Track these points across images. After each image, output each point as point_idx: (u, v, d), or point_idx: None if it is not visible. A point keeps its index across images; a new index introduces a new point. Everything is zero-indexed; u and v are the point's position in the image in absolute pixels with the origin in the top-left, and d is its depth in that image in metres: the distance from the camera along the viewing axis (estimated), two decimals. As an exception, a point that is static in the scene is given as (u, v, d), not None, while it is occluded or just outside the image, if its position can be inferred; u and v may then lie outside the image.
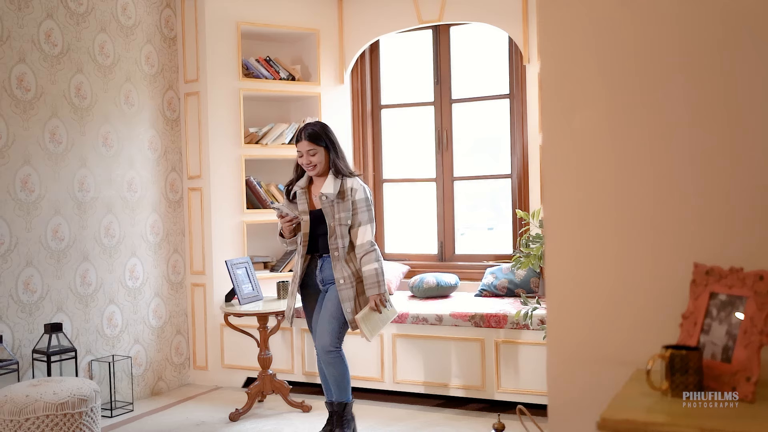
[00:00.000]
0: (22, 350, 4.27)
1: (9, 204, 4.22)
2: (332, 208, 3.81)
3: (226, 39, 5.32)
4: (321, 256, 3.92)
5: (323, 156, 3.86)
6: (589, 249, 2.06)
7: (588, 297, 2.07)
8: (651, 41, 1.94)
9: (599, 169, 2.03)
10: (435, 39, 5.74)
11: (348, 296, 3.80)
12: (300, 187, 3.94)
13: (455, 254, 5.70)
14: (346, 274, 3.80)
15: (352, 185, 3.86)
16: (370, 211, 3.89)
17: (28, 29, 4.34)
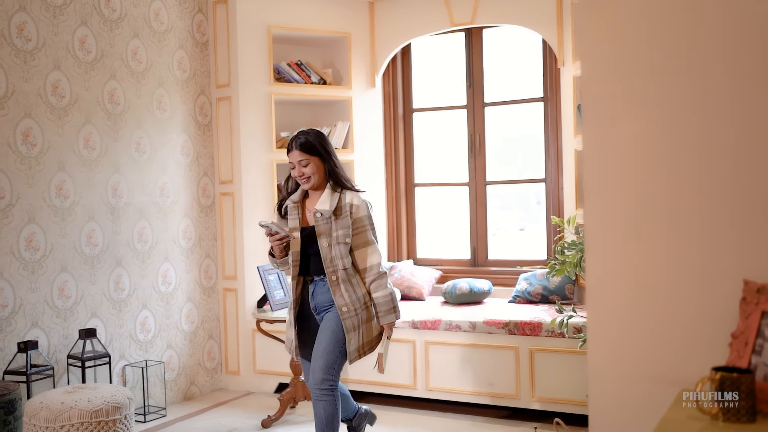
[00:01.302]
0: (57, 355, 4.30)
1: (44, 210, 4.25)
2: (328, 226, 3.39)
3: (257, 43, 5.32)
4: (313, 279, 3.48)
5: (317, 167, 3.44)
6: (632, 263, 2.00)
7: (631, 312, 2.00)
8: (696, 50, 1.87)
9: (643, 181, 1.96)
10: (467, 42, 5.68)
11: (353, 325, 3.38)
12: (293, 201, 3.52)
13: (488, 259, 5.63)
14: (350, 300, 3.37)
15: (351, 200, 3.43)
16: (374, 231, 3.49)
17: (63, 36, 4.38)
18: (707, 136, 1.85)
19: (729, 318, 1.81)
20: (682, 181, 1.89)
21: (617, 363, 2.04)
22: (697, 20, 1.87)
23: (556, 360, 4.39)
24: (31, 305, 4.17)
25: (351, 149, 5.66)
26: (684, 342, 1.89)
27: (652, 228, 1.94)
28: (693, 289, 1.89)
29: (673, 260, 1.90)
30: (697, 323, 1.87)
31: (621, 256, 2.02)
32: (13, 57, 4.10)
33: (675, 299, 1.92)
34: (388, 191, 5.91)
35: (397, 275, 5.49)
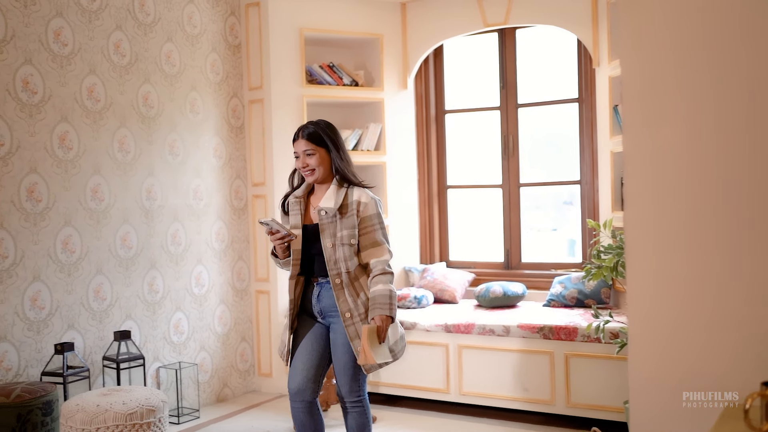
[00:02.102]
0: (93, 357, 4.34)
1: (80, 213, 4.29)
2: (332, 225, 3.13)
3: (289, 46, 5.32)
4: (318, 281, 3.21)
5: (323, 159, 3.19)
6: (678, 270, 1.94)
7: (676, 321, 1.95)
8: (744, 52, 1.80)
9: (689, 185, 1.90)
10: (500, 42, 5.62)
11: (357, 333, 3.10)
12: (295, 197, 3.27)
13: (521, 262, 5.56)
14: (353, 305, 3.10)
15: (359, 197, 3.17)
16: (383, 230, 3.20)
17: (98, 41, 4.41)
18: (757, 139, 1.79)
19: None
20: (730, 186, 1.83)
21: (661, 373, 1.99)
22: (747, 20, 1.80)
23: (592, 366, 4.32)
24: (67, 307, 4.22)
25: (383, 151, 5.64)
26: (733, 354, 1.83)
27: (698, 235, 1.88)
28: (740, 298, 1.83)
29: (722, 269, 1.84)
30: (747, 335, 1.81)
31: (665, 263, 1.97)
32: (50, 62, 4.14)
33: (721, 308, 1.86)
34: (421, 193, 5.87)
35: (430, 278, 5.45)
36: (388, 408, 4.90)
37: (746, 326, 1.81)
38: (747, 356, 1.80)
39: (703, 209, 1.87)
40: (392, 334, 3.18)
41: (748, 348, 1.80)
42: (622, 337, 4.08)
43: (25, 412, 3.55)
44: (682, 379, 1.93)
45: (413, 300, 5.16)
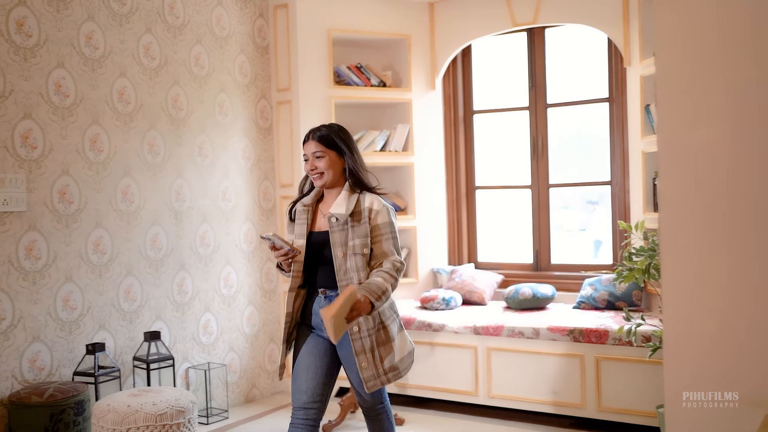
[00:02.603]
0: (123, 357, 4.38)
1: (111, 215, 4.33)
2: (344, 233, 2.94)
3: (317, 47, 5.32)
4: (326, 293, 3.00)
5: (333, 162, 3.02)
6: (714, 274, 1.89)
7: (713, 327, 1.90)
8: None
9: (727, 187, 1.86)
10: (529, 42, 5.56)
11: (362, 347, 2.91)
12: (303, 204, 3.08)
13: (551, 263, 5.51)
14: (362, 319, 2.89)
15: (371, 204, 2.99)
16: (395, 240, 3.01)
17: (129, 44, 4.45)
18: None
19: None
20: (765, 191, 1.79)
21: (699, 379, 1.95)
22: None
23: (623, 369, 4.25)
24: (98, 308, 4.26)
25: (411, 152, 5.62)
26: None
27: (738, 237, 1.84)
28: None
29: (763, 272, 1.79)
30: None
31: (703, 267, 1.92)
32: (81, 65, 4.19)
33: (761, 315, 1.81)
34: (449, 194, 5.84)
35: (458, 279, 5.42)
36: (415, 410, 4.88)
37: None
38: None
39: (743, 211, 1.83)
40: (399, 349, 2.99)
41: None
42: (654, 341, 4.02)
43: (57, 411, 3.59)
44: (721, 384, 1.89)
45: (441, 301, 5.13)
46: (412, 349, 3.08)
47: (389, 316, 3.00)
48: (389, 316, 3.00)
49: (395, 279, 2.94)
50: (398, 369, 2.98)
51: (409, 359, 3.05)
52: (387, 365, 2.94)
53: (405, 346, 3.04)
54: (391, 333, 2.98)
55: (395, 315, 3.06)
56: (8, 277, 3.83)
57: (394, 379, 2.98)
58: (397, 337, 3.00)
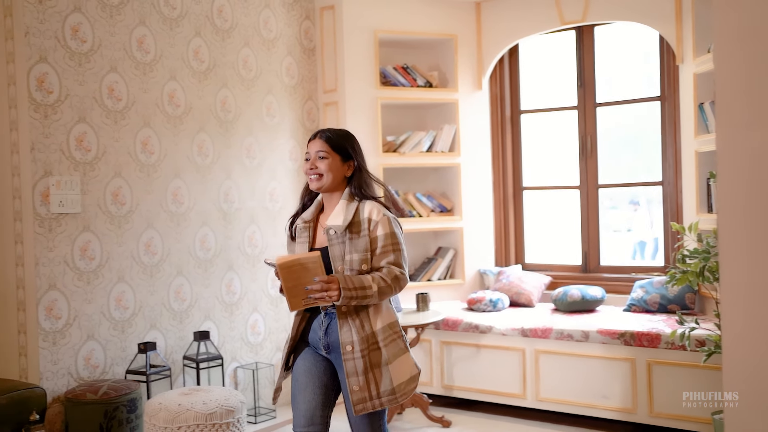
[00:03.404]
0: (174, 356, 4.44)
1: (161, 216, 4.40)
2: (342, 246, 2.71)
3: (363, 48, 5.33)
4: (327, 310, 2.78)
5: (336, 167, 2.79)
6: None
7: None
8: None
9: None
10: (578, 40, 5.48)
11: (354, 369, 2.67)
12: (303, 221, 2.86)
13: (600, 265, 5.42)
14: (358, 337, 2.68)
15: (370, 213, 2.74)
16: (399, 253, 2.73)
17: (179, 48, 4.52)
18: None
19: None
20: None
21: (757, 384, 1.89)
22: None
23: (676, 374, 4.16)
24: (149, 307, 4.33)
25: (457, 152, 5.58)
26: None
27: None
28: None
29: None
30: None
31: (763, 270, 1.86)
32: (133, 69, 4.26)
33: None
34: (496, 195, 5.79)
35: (505, 281, 5.37)
36: (462, 412, 4.85)
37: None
38: None
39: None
40: (399, 373, 2.72)
41: None
42: (709, 345, 3.92)
43: (111, 408, 3.67)
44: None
45: (489, 303, 5.09)
46: (415, 374, 2.79)
47: (388, 336, 2.73)
48: (387, 336, 2.73)
49: (388, 285, 2.68)
50: (396, 394, 2.69)
51: (410, 385, 2.75)
52: (383, 388, 2.68)
53: (407, 369, 2.75)
54: (388, 355, 2.70)
55: (397, 335, 2.77)
56: (64, 277, 3.92)
57: (390, 404, 2.70)
58: (397, 359, 2.72)
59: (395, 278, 2.70)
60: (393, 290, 2.71)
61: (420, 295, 4.77)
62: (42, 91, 3.85)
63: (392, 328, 2.76)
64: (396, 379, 2.70)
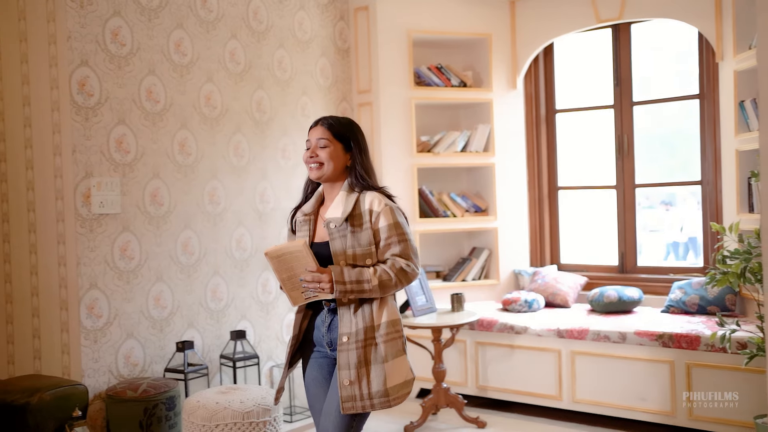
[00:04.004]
0: (211, 355, 4.50)
1: (198, 216, 4.46)
2: (343, 239, 2.59)
3: (397, 48, 5.33)
4: (330, 306, 2.67)
5: (336, 156, 2.67)
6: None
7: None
8: None
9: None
10: (614, 38, 5.42)
11: (348, 362, 2.55)
12: (303, 214, 2.75)
13: (637, 266, 5.35)
14: (356, 329, 2.56)
15: (371, 204, 2.61)
16: (407, 243, 2.59)
17: (215, 50, 4.57)
18: None
19: None
20: None
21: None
22: None
23: (717, 377, 4.09)
24: (187, 307, 4.39)
25: (492, 152, 5.56)
26: None
27: None
28: None
29: None
30: None
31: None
32: (171, 71, 4.32)
33: None
34: (530, 195, 5.75)
35: (541, 281, 5.33)
36: (496, 413, 4.83)
37: None
38: None
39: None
40: (394, 374, 2.58)
41: None
42: (750, 348, 3.85)
43: (150, 406, 3.72)
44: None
45: (524, 303, 5.06)
46: (410, 379, 2.64)
47: (388, 332, 2.59)
48: (387, 333, 2.59)
49: (390, 278, 2.54)
50: (388, 396, 2.55)
51: (404, 389, 2.61)
52: (375, 388, 2.54)
53: (402, 372, 2.62)
54: (386, 352, 2.57)
55: (398, 334, 2.63)
56: (104, 276, 3.99)
57: (381, 407, 2.55)
58: (393, 359, 2.59)
59: (400, 271, 2.55)
60: (398, 283, 2.56)
61: (455, 296, 4.76)
62: (83, 94, 3.92)
63: (394, 325, 2.63)
64: (390, 380, 2.56)
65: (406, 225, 2.63)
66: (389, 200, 2.65)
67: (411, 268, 2.57)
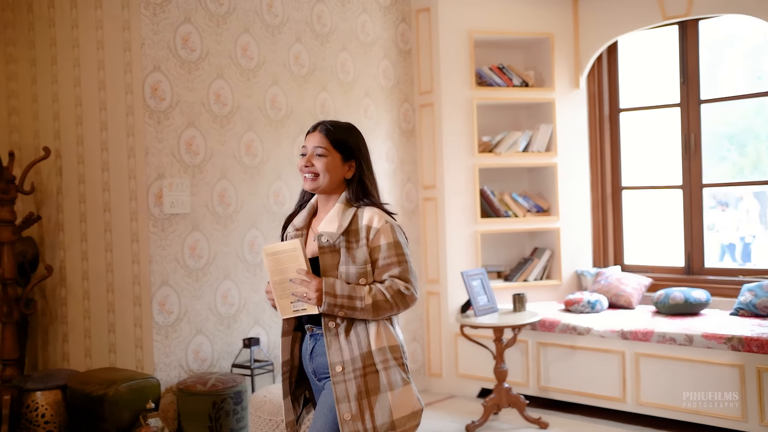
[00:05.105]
0: (276, 352, 4.60)
1: (264, 216, 4.57)
2: (335, 256, 2.36)
3: (459, 49, 5.35)
4: (313, 330, 2.44)
5: (335, 166, 2.44)
6: None
7: None
8: None
9: None
10: (681, 35, 5.32)
11: (346, 394, 2.31)
12: (295, 228, 2.52)
13: (704, 267, 5.24)
14: (350, 357, 2.32)
15: (371, 221, 2.37)
16: (406, 264, 2.36)
17: (280, 54, 4.67)
18: None
19: None
20: None
21: None
22: None
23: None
24: (253, 304, 4.50)
25: (554, 152, 5.53)
26: None
27: None
28: None
29: None
30: None
31: None
32: (238, 75, 4.44)
33: None
34: (593, 195, 5.69)
35: (604, 282, 5.27)
36: (558, 413, 4.80)
37: None
38: None
39: None
40: (399, 404, 2.33)
41: None
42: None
43: (219, 400, 3.84)
44: None
45: (586, 304, 5.01)
46: (417, 410, 2.38)
47: (387, 359, 2.34)
48: (388, 359, 2.34)
49: (387, 300, 2.30)
50: (395, 429, 2.31)
51: (412, 421, 2.36)
52: (380, 420, 2.30)
53: (409, 402, 2.36)
54: (389, 380, 2.33)
55: (398, 362, 2.37)
56: (175, 274, 4.14)
57: None
58: (398, 387, 2.34)
59: (398, 293, 2.32)
60: (394, 307, 2.32)
61: (516, 296, 4.75)
62: (156, 99, 4.07)
63: (394, 351, 2.37)
64: (397, 411, 2.31)
65: (406, 245, 2.41)
66: (390, 218, 2.43)
67: (410, 292, 2.34)
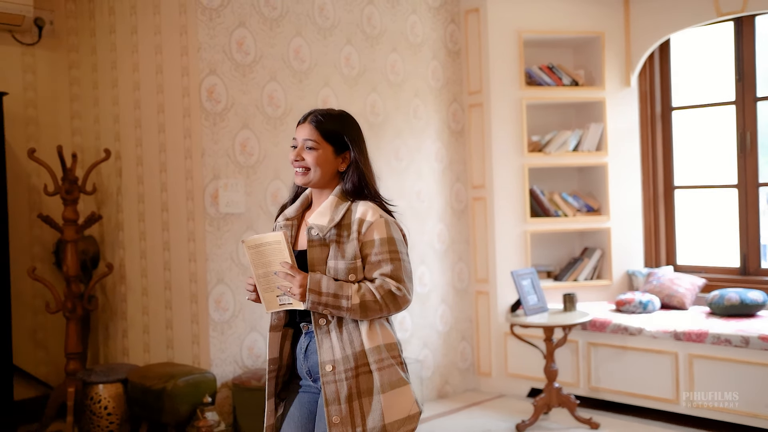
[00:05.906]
0: (327, 349, 4.67)
1: (316, 216, 4.64)
2: (325, 250, 2.23)
3: (508, 49, 5.36)
4: (308, 329, 2.29)
5: (325, 160, 2.28)
6: None
7: None
8: None
9: None
10: (736, 32, 5.23)
11: (336, 395, 2.16)
12: (285, 218, 2.37)
13: (761, 268, 5.14)
14: (342, 356, 2.18)
15: (364, 214, 2.22)
16: (400, 263, 2.21)
17: (331, 56, 4.75)
18: None
19: None
20: None
21: None
22: None
23: None
24: (305, 302, 4.58)
25: (605, 151, 5.49)
26: None
27: None
28: None
29: None
30: None
31: None
32: (290, 77, 4.53)
33: None
34: (645, 194, 5.63)
35: (656, 282, 5.21)
36: (609, 414, 4.77)
37: None
38: None
39: None
40: (394, 407, 2.18)
41: None
42: None
43: (272, 396, 3.93)
44: None
45: (638, 305, 4.97)
46: (414, 414, 2.23)
47: (383, 358, 2.19)
48: (382, 359, 2.19)
49: (376, 300, 2.15)
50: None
51: (407, 425, 2.20)
52: (370, 425, 2.15)
53: (404, 405, 2.20)
54: (382, 381, 2.17)
55: (395, 360, 2.23)
56: (230, 272, 4.24)
57: None
58: (392, 389, 2.18)
59: (389, 294, 2.16)
60: (384, 309, 2.17)
61: (567, 296, 4.74)
62: (211, 101, 4.18)
63: (390, 350, 2.22)
64: (389, 415, 2.16)
65: (401, 243, 2.25)
66: (386, 213, 2.28)
67: (402, 293, 2.18)
